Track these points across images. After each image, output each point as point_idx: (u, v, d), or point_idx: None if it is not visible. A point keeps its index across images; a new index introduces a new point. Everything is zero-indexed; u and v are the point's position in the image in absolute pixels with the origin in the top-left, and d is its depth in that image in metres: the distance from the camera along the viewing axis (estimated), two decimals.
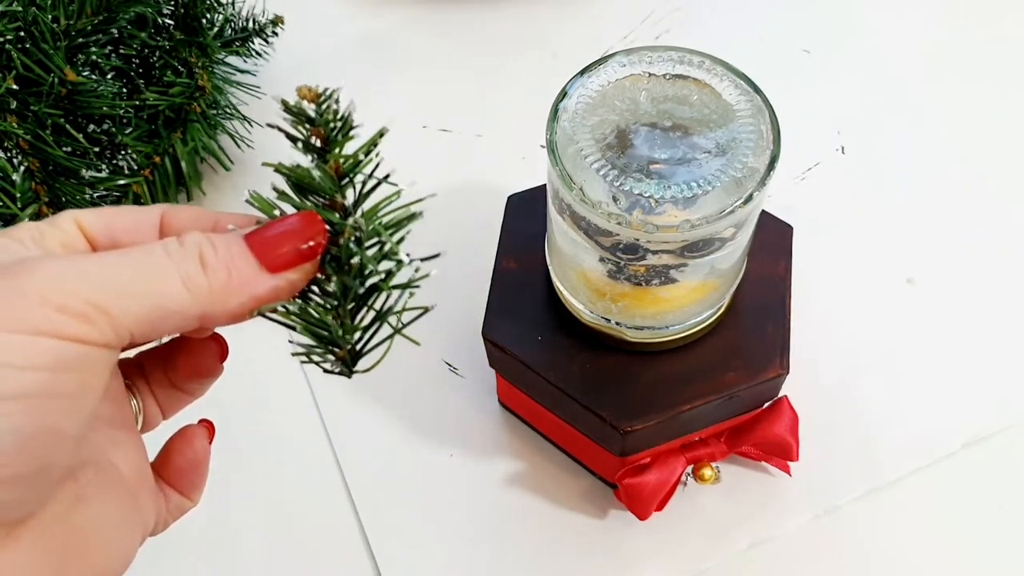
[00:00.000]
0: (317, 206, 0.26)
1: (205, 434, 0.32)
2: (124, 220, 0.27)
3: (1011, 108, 0.62)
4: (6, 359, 0.21)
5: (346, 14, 0.69)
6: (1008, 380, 0.51)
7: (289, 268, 0.25)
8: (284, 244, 0.25)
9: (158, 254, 0.24)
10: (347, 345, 0.26)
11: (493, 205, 0.50)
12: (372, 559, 0.47)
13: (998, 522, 0.47)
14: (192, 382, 0.31)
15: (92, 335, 0.22)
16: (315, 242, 0.26)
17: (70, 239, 0.26)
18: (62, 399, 0.22)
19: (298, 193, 0.26)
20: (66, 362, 0.22)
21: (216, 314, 0.24)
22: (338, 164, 0.26)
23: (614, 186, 0.36)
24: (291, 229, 0.25)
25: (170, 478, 0.31)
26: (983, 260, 0.56)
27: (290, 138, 0.26)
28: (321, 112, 0.25)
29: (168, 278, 0.24)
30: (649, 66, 0.39)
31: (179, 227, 0.27)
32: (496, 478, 0.49)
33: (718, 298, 0.43)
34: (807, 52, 0.66)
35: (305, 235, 0.25)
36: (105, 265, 0.23)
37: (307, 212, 0.26)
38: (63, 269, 0.23)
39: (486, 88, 0.65)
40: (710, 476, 0.46)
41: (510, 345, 0.44)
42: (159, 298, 0.23)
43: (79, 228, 0.26)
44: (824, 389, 0.51)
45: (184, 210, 0.28)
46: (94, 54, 0.51)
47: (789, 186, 0.59)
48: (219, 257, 0.24)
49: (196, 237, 0.25)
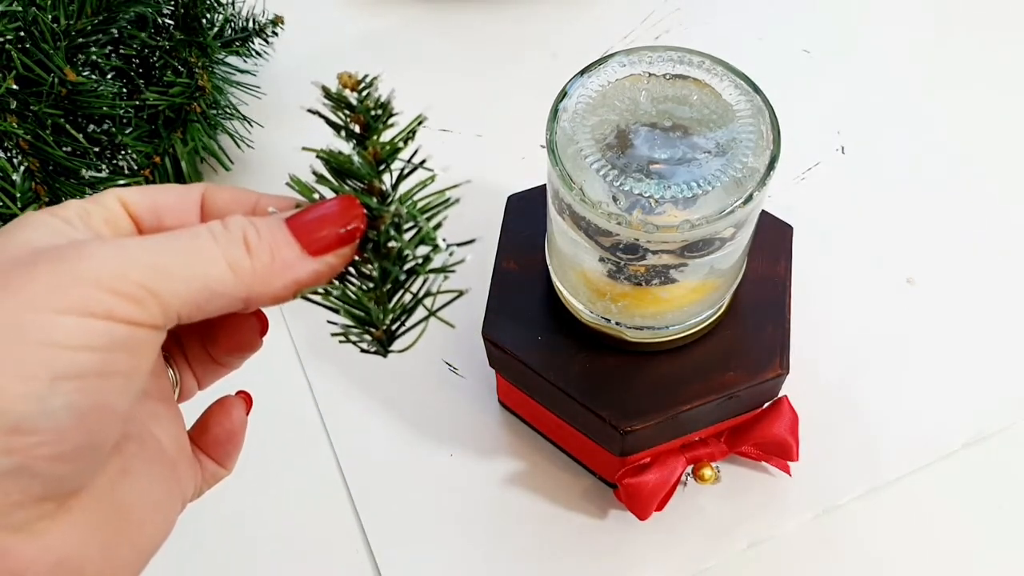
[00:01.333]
0: (355, 190, 0.26)
1: (243, 405, 0.33)
2: (167, 199, 0.27)
3: (1011, 108, 0.62)
4: (62, 340, 0.22)
5: (346, 14, 0.69)
6: (1008, 380, 0.51)
7: (329, 251, 0.26)
8: (324, 228, 0.26)
9: (204, 237, 0.24)
10: (383, 326, 0.27)
11: (493, 205, 0.50)
12: (372, 559, 0.47)
13: (998, 522, 0.47)
14: (231, 356, 0.32)
15: (142, 316, 0.23)
16: (354, 226, 0.26)
17: (114, 217, 0.26)
18: (114, 378, 0.23)
19: (336, 177, 0.27)
20: (118, 342, 0.23)
21: (260, 296, 0.25)
22: (376, 150, 0.26)
23: (614, 186, 0.36)
24: (331, 213, 0.26)
25: (207, 447, 0.31)
26: (983, 260, 0.56)
27: (330, 124, 0.26)
28: (361, 99, 0.26)
29: (214, 261, 0.24)
30: (649, 66, 0.39)
31: (220, 206, 0.28)
32: (496, 478, 0.49)
33: (718, 298, 0.43)
34: (807, 52, 0.66)
35: (344, 219, 0.26)
36: (154, 248, 0.24)
37: (346, 196, 0.26)
38: (114, 252, 0.23)
39: (486, 88, 0.65)
40: (710, 476, 0.46)
41: (510, 345, 0.44)
42: (206, 280, 0.24)
43: (123, 206, 0.27)
44: (824, 389, 0.51)
45: (224, 190, 0.28)
46: (94, 54, 0.51)
47: (789, 186, 0.59)
48: (262, 241, 0.25)
49: (240, 221, 0.25)
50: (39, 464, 0.22)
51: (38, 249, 0.24)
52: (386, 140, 0.26)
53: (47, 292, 0.22)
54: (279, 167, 0.61)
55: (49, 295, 0.22)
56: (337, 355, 0.53)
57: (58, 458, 0.23)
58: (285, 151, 0.62)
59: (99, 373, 0.23)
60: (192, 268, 0.24)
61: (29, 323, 0.22)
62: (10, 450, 0.22)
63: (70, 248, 0.23)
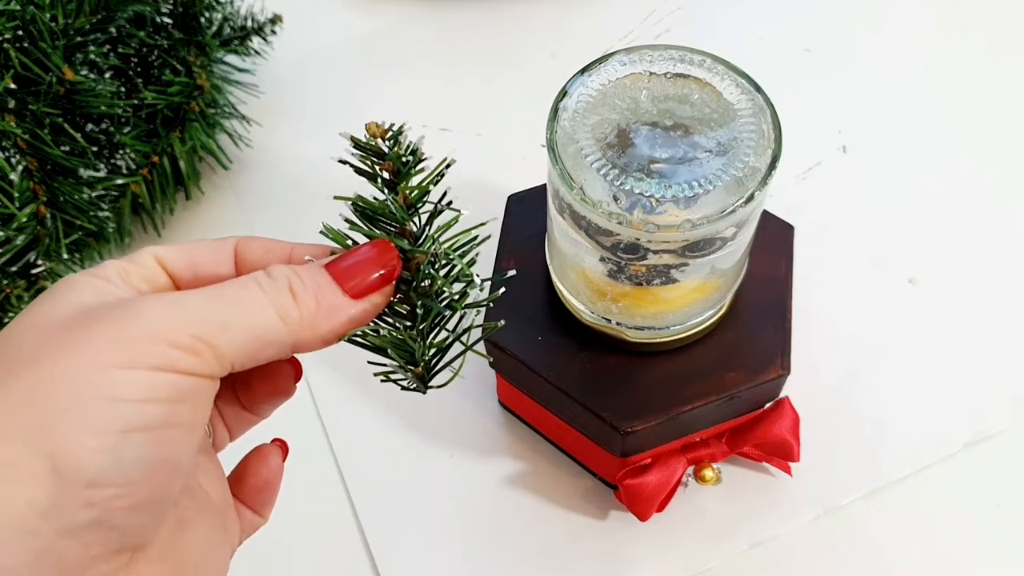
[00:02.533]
0: (388, 233, 0.27)
1: (279, 453, 0.33)
2: (201, 254, 0.28)
3: (1013, 107, 0.62)
4: (130, 394, 0.23)
5: (345, 14, 0.69)
6: (1008, 380, 0.51)
7: (370, 293, 0.27)
8: (363, 271, 0.27)
9: (252, 288, 0.26)
10: (422, 362, 0.28)
11: (493, 205, 0.49)
12: (371, 559, 0.47)
13: (998, 522, 0.47)
14: (266, 403, 0.32)
15: (201, 367, 0.24)
16: (391, 267, 0.27)
17: (152, 275, 0.27)
18: (178, 428, 0.24)
19: (368, 223, 0.28)
20: (181, 394, 0.24)
21: (308, 341, 0.26)
22: (406, 195, 0.27)
23: (615, 185, 0.36)
24: (368, 257, 0.27)
25: (244, 496, 0.32)
26: (984, 260, 0.55)
27: (360, 172, 0.27)
28: (391, 147, 0.27)
29: (264, 311, 0.25)
30: (650, 65, 0.39)
31: (252, 257, 0.29)
32: (496, 478, 0.49)
33: (719, 298, 0.42)
34: (808, 51, 0.65)
35: (381, 262, 0.27)
36: (206, 301, 0.25)
37: (381, 240, 0.27)
38: (169, 306, 0.24)
39: (486, 88, 0.64)
40: (711, 477, 0.46)
41: (510, 345, 0.43)
42: (258, 331, 0.25)
43: (159, 264, 0.27)
44: (825, 390, 0.51)
45: (255, 241, 0.29)
46: (92, 53, 0.50)
47: (790, 186, 0.59)
48: (307, 288, 0.26)
49: (283, 270, 0.26)
50: (116, 516, 0.23)
51: (88, 308, 0.25)
52: (415, 184, 0.28)
53: (108, 349, 0.23)
54: (278, 166, 0.61)
55: (111, 352, 0.23)
56: (336, 356, 0.52)
57: (132, 509, 0.23)
58: (284, 150, 0.62)
59: (165, 424, 0.24)
60: (244, 319, 0.25)
61: (96, 380, 0.23)
62: (89, 503, 0.22)
63: (124, 305, 0.24)
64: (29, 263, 0.48)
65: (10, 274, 0.48)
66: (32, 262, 0.48)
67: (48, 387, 0.22)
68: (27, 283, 0.48)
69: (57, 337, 0.24)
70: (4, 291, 0.47)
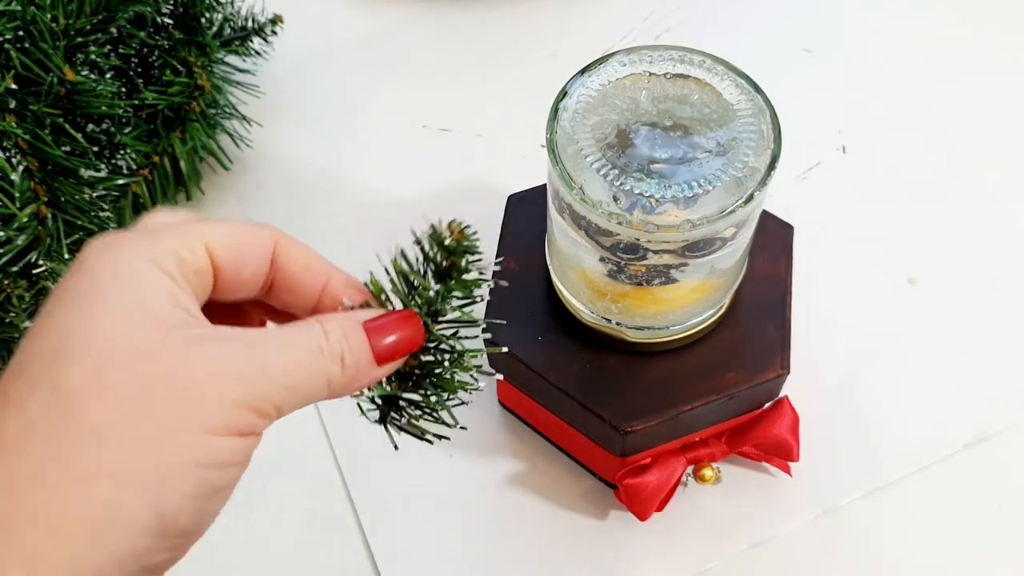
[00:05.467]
0: (419, 307, 0.29)
1: None
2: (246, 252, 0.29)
3: (1013, 107, 0.62)
4: (223, 461, 0.25)
5: (346, 14, 0.69)
6: (1009, 380, 0.51)
7: (392, 361, 0.29)
8: (395, 343, 0.28)
9: (317, 357, 0.27)
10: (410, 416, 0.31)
11: (493, 205, 0.49)
12: (372, 559, 0.47)
13: (998, 522, 0.47)
14: None
15: (267, 425, 0.26)
16: (416, 344, 0.29)
17: (201, 266, 0.27)
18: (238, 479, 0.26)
19: (406, 287, 0.29)
20: (251, 452, 0.26)
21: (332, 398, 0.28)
22: (450, 288, 0.29)
23: (614, 185, 0.36)
24: (402, 330, 0.28)
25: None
26: (984, 260, 0.56)
27: (422, 251, 0.29)
28: (460, 248, 0.28)
29: (320, 378, 0.27)
30: (650, 65, 0.39)
31: (291, 270, 0.29)
32: (496, 478, 0.49)
33: (719, 298, 0.42)
34: (808, 51, 0.65)
35: (412, 337, 0.29)
36: (285, 371, 0.26)
37: (415, 315, 0.29)
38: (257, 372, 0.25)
39: (486, 88, 0.65)
40: (711, 476, 0.46)
41: (510, 345, 0.44)
42: (312, 394, 0.27)
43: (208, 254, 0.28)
44: (825, 389, 0.51)
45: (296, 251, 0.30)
46: (93, 53, 0.50)
47: (790, 186, 0.59)
48: (352, 357, 0.27)
49: (337, 334, 0.27)
50: (180, 553, 0.26)
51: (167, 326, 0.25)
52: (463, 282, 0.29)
53: (206, 412, 0.24)
54: (278, 166, 0.61)
55: (209, 417, 0.24)
56: None
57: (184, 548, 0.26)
58: (284, 150, 0.62)
59: (238, 479, 0.26)
60: (306, 385, 0.27)
61: (195, 444, 0.24)
62: (173, 548, 0.25)
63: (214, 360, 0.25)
64: (30, 263, 0.48)
65: (11, 274, 0.48)
66: (33, 262, 0.48)
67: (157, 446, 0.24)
68: (28, 283, 0.48)
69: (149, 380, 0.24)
70: (5, 291, 0.47)
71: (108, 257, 0.26)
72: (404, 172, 0.60)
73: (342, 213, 0.59)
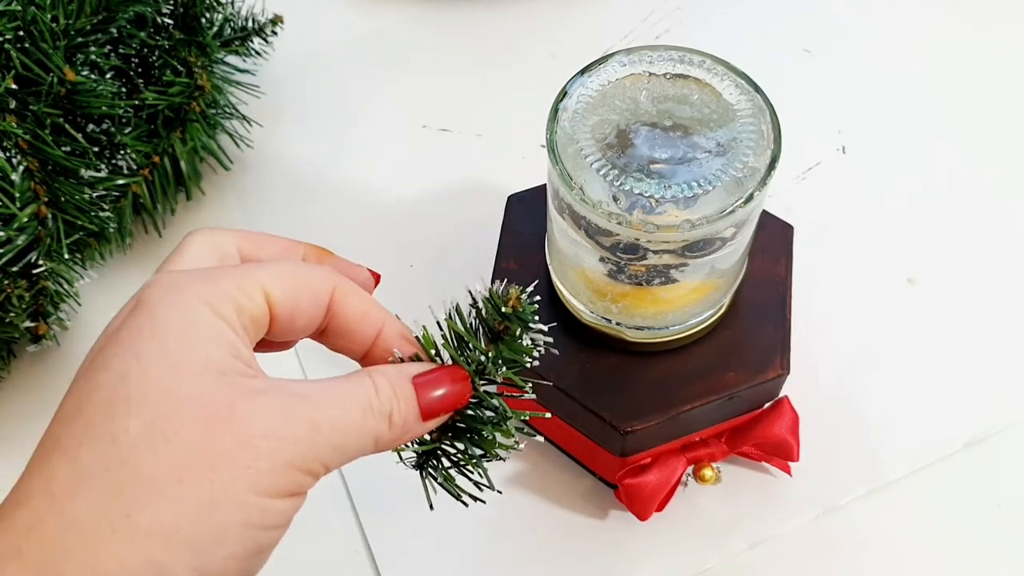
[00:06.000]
0: (468, 364, 0.29)
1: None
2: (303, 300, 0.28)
3: (1013, 107, 0.62)
4: (270, 523, 0.25)
5: (346, 14, 0.69)
6: (1008, 380, 0.51)
7: (437, 416, 0.29)
8: (442, 399, 0.28)
9: (368, 418, 0.27)
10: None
11: (493, 205, 0.49)
12: (372, 559, 0.47)
13: (998, 522, 0.47)
14: None
15: (313, 484, 0.26)
16: (462, 402, 0.29)
17: (259, 314, 0.27)
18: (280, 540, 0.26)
19: (459, 345, 0.29)
20: (296, 513, 0.26)
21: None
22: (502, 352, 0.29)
23: (614, 186, 0.36)
24: (450, 387, 0.29)
25: None
26: (984, 260, 0.56)
27: (477, 312, 0.29)
28: (515, 314, 0.29)
29: (368, 437, 0.27)
30: (649, 65, 0.39)
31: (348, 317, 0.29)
32: (496, 478, 0.49)
33: (718, 298, 0.42)
34: (808, 52, 0.65)
35: (459, 394, 0.29)
36: (335, 431, 0.26)
37: (464, 372, 0.29)
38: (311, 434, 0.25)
39: (486, 88, 0.65)
40: (710, 476, 0.46)
41: None
42: (359, 451, 0.27)
43: (267, 302, 0.28)
44: (825, 389, 0.51)
45: (353, 298, 0.29)
46: (93, 54, 0.51)
47: (790, 186, 0.59)
48: (401, 415, 0.28)
49: (387, 392, 0.27)
50: None
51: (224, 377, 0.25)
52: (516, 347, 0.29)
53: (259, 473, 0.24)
54: (278, 166, 0.61)
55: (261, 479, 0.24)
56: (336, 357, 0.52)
57: None
58: (284, 150, 0.62)
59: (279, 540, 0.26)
60: (354, 444, 0.27)
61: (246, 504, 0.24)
62: None
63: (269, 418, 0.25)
64: (30, 263, 0.48)
65: (11, 274, 0.48)
66: (33, 262, 0.48)
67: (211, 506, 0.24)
68: (28, 283, 0.48)
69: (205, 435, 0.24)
70: (5, 291, 0.47)
71: (169, 299, 0.26)
72: (404, 172, 0.60)
73: (342, 213, 0.59)
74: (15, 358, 0.53)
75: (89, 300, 0.55)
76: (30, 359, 0.54)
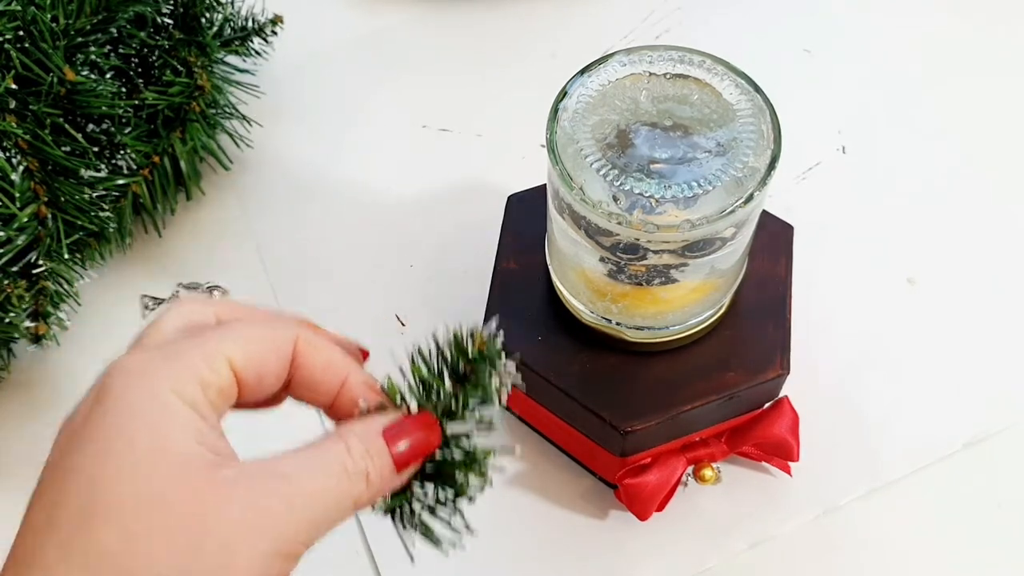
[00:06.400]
0: (434, 407, 0.29)
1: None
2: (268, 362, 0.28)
3: (1012, 107, 0.62)
4: None
5: (346, 14, 0.69)
6: (1008, 380, 0.51)
7: (409, 465, 0.29)
8: (413, 450, 0.28)
9: (343, 479, 0.27)
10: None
11: (493, 205, 0.49)
12: (372, 559, 0.47)
13: (998, 522, 0.47)
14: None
15: (294, 567, 0.27)
16: (432, 448, 0.29)
17: (226, 386, 0.27)
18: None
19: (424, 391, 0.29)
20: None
21: None
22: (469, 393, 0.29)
23: (614, 186, 0.36)
24: (420, 435, 0.29)
25: None
26: (984, 260, 0.56)
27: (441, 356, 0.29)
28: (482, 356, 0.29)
29: (346, 501, 0.27)
30: (649, 65, 0.39)
31: (310, 369, 0.29)
32: (496, 478, 0.49)
33: (718, 298, 0.42)
34: (808, 52, 0.65)
35: (429, 441, 0.29)
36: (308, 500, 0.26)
37: (432, 418, 0.29)
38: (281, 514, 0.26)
39: (486, 88, 0.65)
40: (710, 476, 0.46)
41: (510, 345, 0.43)
42: (339, 518, 0.27)
43: (233, 373, 0.27)
44: (825, 389, 0.51)
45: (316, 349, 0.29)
46: (93, 53, 0.50)
47: (790, 186, 0.59)
48: (376, 472, 0.27)
49: (360, 450, 0.27)
50: None
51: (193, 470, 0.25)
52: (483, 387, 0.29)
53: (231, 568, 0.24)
54: (278, 166, 0.61)
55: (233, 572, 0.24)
56: None
57: None
58: (284, 150, 0.62)
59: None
60: (335, 514, 0.27)
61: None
62: None
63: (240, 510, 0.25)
64: (30, 263, 0.48)
65: (11, 274, 0.48)
66: (33, 262, 0.48)
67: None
68: (28, 283, 0.48)
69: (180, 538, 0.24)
70: (5, 291, 0.47)
71: (135, 389, 0.26)
72: (404, 172, 0.60)
73: (342, 213, 0.59)
74: (15, 358, 0.53)
75: (89, 300, 0.55)
76: (30, 359, 0.54)
